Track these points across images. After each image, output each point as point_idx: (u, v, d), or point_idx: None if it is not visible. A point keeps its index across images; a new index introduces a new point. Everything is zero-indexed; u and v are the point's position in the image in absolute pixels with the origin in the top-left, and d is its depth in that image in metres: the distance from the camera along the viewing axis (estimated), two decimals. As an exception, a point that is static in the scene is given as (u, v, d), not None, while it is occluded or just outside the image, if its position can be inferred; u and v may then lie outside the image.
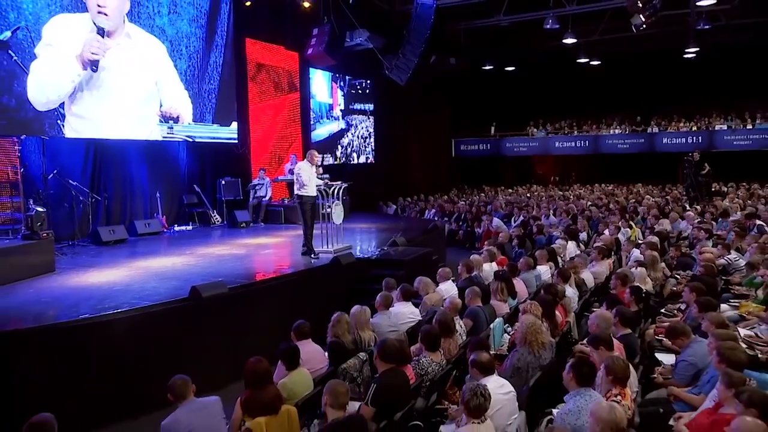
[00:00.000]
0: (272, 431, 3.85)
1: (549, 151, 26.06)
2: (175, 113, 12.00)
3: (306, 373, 4.60)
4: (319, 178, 9.28)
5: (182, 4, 11.97)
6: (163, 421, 3.76)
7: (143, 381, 5.50)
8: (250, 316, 6.72)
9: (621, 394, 3.92)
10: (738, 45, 20.94)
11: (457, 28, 19.05)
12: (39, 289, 6.89)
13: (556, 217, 14.33)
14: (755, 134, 21.84)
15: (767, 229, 10.37)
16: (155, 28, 11.37)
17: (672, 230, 11.89)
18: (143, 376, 5.54)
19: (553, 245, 9.30)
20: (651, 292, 7.23)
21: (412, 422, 4.38)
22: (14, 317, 5.65)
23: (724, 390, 3.61)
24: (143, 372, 5.56)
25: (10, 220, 8.20)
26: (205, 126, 12.72)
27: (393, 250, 9.64)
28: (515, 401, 4.12)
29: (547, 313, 5.47)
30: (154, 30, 11.33)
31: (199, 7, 12.37)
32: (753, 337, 5.59)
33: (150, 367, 5.61)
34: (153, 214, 11.78)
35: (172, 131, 12.07)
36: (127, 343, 5.67)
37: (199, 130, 12.63)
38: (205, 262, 8.69)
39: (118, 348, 5.59)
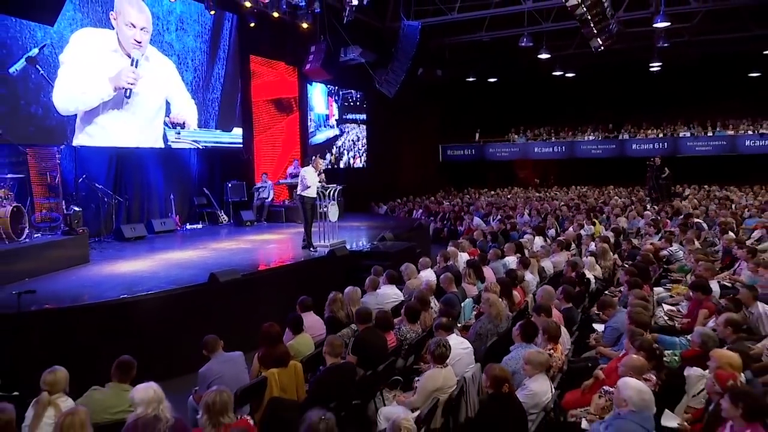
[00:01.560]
0: (283, 380, 4.75)
1: (528, 156, 26.94)
2: (182, 120, 12.88)
3: (308, 338, 5.52)
4: (318, 181, 10.22)
5: (188, 21, 12.83)
6: (200, 370, 4.67)
7: (172, 349, 6.38)
8: (259, 297, 7.63)
9: (553, 349, 4.89)
10: (700, 59, 22.02)
11: (443, 43, 19.91)
12: (80, 276, 7.78)
13: (530, 216, 15.31)
14: (714, 141, 22.90)
15: (704, 225, 11.37)
16: (164, 43, 12.22)
17: (631, 227, 12.90)
18: (171, 345, 6.42)
19: (521, 239, 10.26)
20: (600, 278, 8.22)
21: (394, 377, 5.34)
22: (67, 297, 6.54)
23: (627, 342, 4.58)
24: (171, 342, 6.44)
25: (48, 219, 8.98)
26: (208, 131, 13.63)
27: (382, 244, 10.57)
28: (472, 355, 5.07)
29: (505, 292, 6.42)
30: (163, 45, 12.16)
31: (203, 24, 13.23)
32: (674, 311, 6.58)
33: (177, 338, 6.48)
34: (168, 214, 12.59)
35: (179, 136, 12.98)
36: (158, 318, 6.57)
37: (204, 135, 13.52)
38: (217, 255, 9.60)
39: (151, 322, 6.49)
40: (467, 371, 4.85)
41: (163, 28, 12.23)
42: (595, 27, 12.60)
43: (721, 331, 4.72)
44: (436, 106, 25.61)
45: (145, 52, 11.38)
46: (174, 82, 12.53)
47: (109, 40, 10.76)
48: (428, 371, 4.53)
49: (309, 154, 16.58)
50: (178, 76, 12.62)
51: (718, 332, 4.72)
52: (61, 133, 10.17)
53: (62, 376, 4.00)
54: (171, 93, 12.46)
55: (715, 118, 23.76)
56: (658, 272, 8.37)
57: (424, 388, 4.42)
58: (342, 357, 4.64)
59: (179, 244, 11.10)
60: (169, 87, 12.41)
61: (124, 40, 10.79)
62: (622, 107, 25.48)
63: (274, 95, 15.65)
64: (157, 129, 12.29)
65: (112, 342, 5.81)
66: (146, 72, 11.52)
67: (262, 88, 15.12)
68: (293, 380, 4.79)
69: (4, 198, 7.76)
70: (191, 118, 13.10)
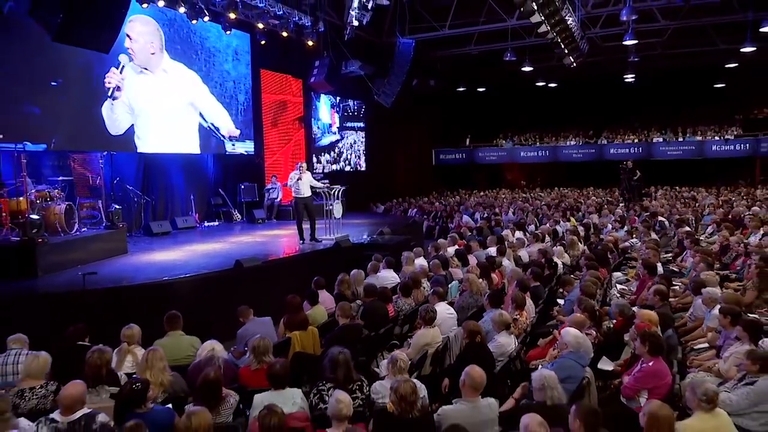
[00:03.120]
0: (303, 340, 5.74)
1: (515, 160, 27.94)
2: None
3: (323, 309, 6.53)
4: (320, 182, 11.20)
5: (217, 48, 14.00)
6: (238, 331, 5.66)
7: (205, 321, 7.30)
8: (277, 280, 8.60)
9: (519, 314, 5.90)
10: (670, 71, 23.12)
11: (435, 56, 20.90)
12: (123, 264, 8.75)
13: (514, 214, 16.34)
14: (685, 146, 23.99)
15: (667, 224, 12.40)
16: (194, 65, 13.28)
17: (602, 223, 13.92)
18: (205, 317, 7.34)
19: (502, 233, 11.28)
20: (568, 264, 9.23)
21: (392, 341, 6.33)
22: (119, 279, 7.53)
23: (576, 307, 5.59)
24: (205, 315, 7.36)
25: (89, 216, 9.95)
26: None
27: (380, 237, 11.57)
28: (456, 320, 6.08)
29: (484, 274, 7.44)
30: (193, 65, 13.18)
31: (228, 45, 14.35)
32: (625, 289, 7.61)
33: (209, 312, 7.40)
34: (188, 212, 13.55)
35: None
36: (194, 296, 7.53)
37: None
38: (236, 247, 10.57)
39: (189, 299, 7.45)
40: (451, 332, 5.86)
41: (196, 53, 13.37)
42: (566, 48, 13.65)
43: (651, 299, 5.74)
44: (430, 113, 26.49)
45: (159, 65, 12.17)
46: (200, 92, 13.48)
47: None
48: (420, 330, 5.54)
49: (313, 157, 17.77)
50: (204, 87, 13.58)
51: (649, 300, 5.74)
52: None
53: (137, 331, 5.00)
54: (198, 103, 13.46)
55: (685, 124, 24.87)
56: (617, 260, 9.40)
57: (417, 343, 5.42)
58: (351, 318, 5.64)
59: (201, 238, 12.05)
60: (193, 97, 13.34)
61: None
62: (601, 115, 26.56)
63: (282, 105, 16.63)
64: (183, 138, 13.21)
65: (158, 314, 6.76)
66: (165, 83, 12.40)
67: (271, 98, 16.10)
68: (311, 341, 5.78)
69: (58, 197, 8.72)
70: (227, 125, 14.30)
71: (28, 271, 7.50)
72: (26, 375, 4.05)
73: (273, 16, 13.09)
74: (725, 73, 22.77)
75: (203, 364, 4.53)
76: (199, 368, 4.50)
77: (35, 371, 4.03)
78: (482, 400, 3.69)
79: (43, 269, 7.64)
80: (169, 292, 7.32)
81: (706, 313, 5.69)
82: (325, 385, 4.05)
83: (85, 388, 3.51)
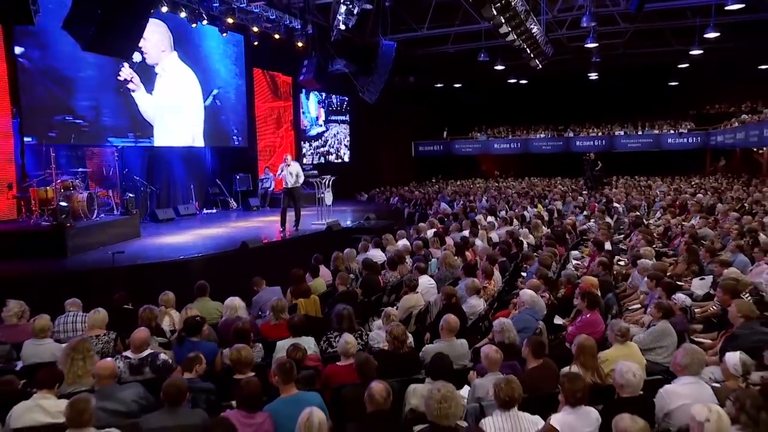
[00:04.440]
0: (307, 307, 6.58)
1: (489, 151, 28.96)
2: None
3: (322, 281, 7.39)
4: (308, 172, 11.98)
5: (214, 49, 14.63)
6: (253, 297, 6.50)
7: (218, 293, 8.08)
8: (277, 258, 9.44)
9: (488, 283, 6.85)
10: (631, 69, 24.26)
11: (415, 54, 21.70)
12: (138, 246, 9.49)
13: (488, 201, 17.32)
14: (643, 139, 25.25)
15: (621, 209, 13.49)
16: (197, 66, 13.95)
17: (565, 209, 14.98)
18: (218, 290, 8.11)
19: (476, 218, 12.23)
20: (532, 244, 10.21)
21: (381, 307, 7.23)
22: (139, 258, 8.29)
23: (534, 274, 6.55)
24: (217, 288, 8.07)
25: (103, 204, 10.62)
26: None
27: (366, 222, 12.46)
28: (435, 289, 6.99)
29: (460, 252, 8.38)
30: (194, 67, 13.85)
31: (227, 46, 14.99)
32: (579, 264, 8.60)
33: (221, 285, 8.12)
34: (189, 201, 14.30)
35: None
36: (207, 272, 8.27)
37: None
38: (237, 231, 11.37)
39: (203, 274, 8.18)
40: (432, 298, 6.78)
41: (198, 51, 14.05)
42: (531, 53, 14.59)
43: (596, 269, 6.73)
44: (409, 108, 27.13)
45: (159, 63, 12.87)
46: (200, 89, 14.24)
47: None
48: (406, 296, 6.45)
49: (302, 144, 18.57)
50: (202, 84, 14.32)
51: (594, 270, 6.73)
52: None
53: (172, 297, 5.83)
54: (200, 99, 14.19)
55: (644, 119, 26.11)
56: (575, 240, 10.42)
57: (403, 305, 6.32)
58: (348, 286, 6.53)
59: (203, 223, 12.81)
60: (197, 94, 14.08)
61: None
62: (568, 110, 27.65)
63: (273, 101, 17.34)
64: (184, 133, 13.96)
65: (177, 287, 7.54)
66: (164, 82, 13.05)
67: (263, 95, 16.80)
68: (313, 307, 6.63)
69: (79, 187, 9.41)
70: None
71: (59, 252, 8.23)
72: (91, 326, 4.86)
73: (266, 20, 13.80)
74: (679, 73, 24.00)
75: (230, 321, 5.39)
76: (227, 324, 5.36)
77: (98, 323, 4.85)
78: (456, 340, 4.62)
79: (71, 250, 8.38)
80: (186, 268, 8.13)
81: (640, 281, 6.70)
82: (333, 334, 4.94)
83: (149, 334, 4.36)
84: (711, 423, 2.76)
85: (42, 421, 3.46)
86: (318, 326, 5.67)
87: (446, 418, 2.99)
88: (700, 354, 3.59)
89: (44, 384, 3.64)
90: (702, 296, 6.38)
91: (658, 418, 3.50)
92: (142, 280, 7.41)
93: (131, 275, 7.41)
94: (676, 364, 3.61)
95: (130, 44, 7.48)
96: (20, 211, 9.38)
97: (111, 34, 7.01)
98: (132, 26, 7.24)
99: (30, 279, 7.11)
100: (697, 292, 6.54)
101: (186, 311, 5.10)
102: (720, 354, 4.22)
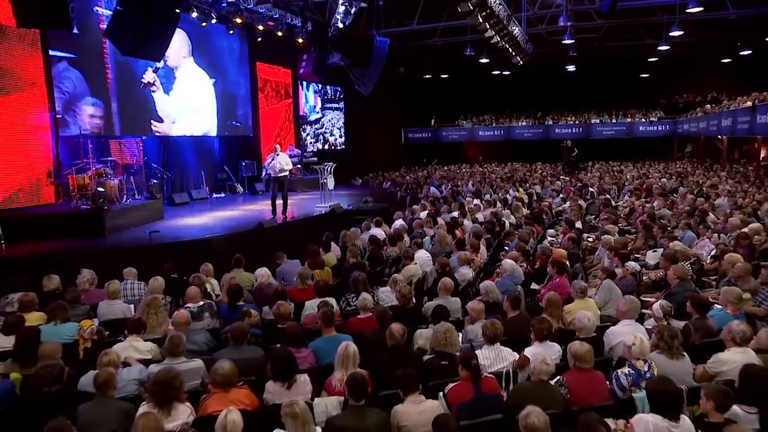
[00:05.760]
0: (321, 276, 7.52)
1: (474, 138, 29.81)
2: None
3: (333, 255, 8.31)
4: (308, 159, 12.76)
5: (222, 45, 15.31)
6: (277, 269, 7.40)
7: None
8: (290, 237, 10.34)
9: (475, 256, 7.82)
10: (606, 62, 25.19)
11: (405, 47, 22.42)
12: (164, 226, 10.25)
13: (473, 185, 18.27)
14: (617, 126, 26.30)
15: (595, 192, 14.50)
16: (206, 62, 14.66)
17: (544, 193, 15.98)
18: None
19: (463, 201, 13.19)
20: (514, 224, 11.19)
21: (384, 277, 8.18)
22: (170, 237, 9.14)
23: (514, 248, 7.52)
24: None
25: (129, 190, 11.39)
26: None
27: (365, 205, 13.37)
28: (431, 261, 7.95)
29: (450, 231, 9.32)
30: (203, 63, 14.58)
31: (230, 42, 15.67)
32: (554, 241, 9.59)
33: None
34: (200, 186, 15.09)
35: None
36: (229, 249, 9.15)
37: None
38: (248, 213, 12.21)
39: (226, 251, 9.08)
40: (427, 269, 7.75)
41: (205, 51, 14.73)
42: (512, 51, 15.46)
43: (564, 243, 7.72)
44: (399, 97, 28.02)
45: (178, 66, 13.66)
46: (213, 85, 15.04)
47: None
48: (406, 266, 7.40)
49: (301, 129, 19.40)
50: (214, 80, 15.09)
51: (563, 245, 7.73)
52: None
53: (211, 267, 6.72)
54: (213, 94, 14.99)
55: (618, 108, 27.13)
56: (552, 220, 11.42)
57: (404, 274, 7.26)
58: (357, 259, 7.47)
59: (215, 206, 13.58)
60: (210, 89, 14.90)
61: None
62: (548, 99, 28.57)
63: (275, 93, 18.06)
64: (197, 123, 14.75)
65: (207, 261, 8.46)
66: (180, 82, 13.84)
67: (265, 87, 17.51)
68: (327, 276, 7.56)
69: (110, 174, 10.19)
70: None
71: (98, 232, 9.06)
72: (151, 291, 5.74)
73: (270, 19, 14.48)
74: (650, 65, 25.00)
75: (263, 286, 6.32)
76: (260, 289, 6.30)
77: (157, 288, 5.74)
78: (451, 297, 5.58)
79: (108, 230, 9.20)
80: (212, 245, 9.00)
81: (603, 253, 7.71)
82: (350, 295, 5.88)
83: (199, 291, 5.28)
84: (636, 346, 3.76)
85: (135, 357, 4.37)
86: (334, 291, 6.62)
87: (450, 345, 3.97)
88: (636, 303, 4.59)
89: (133, 330, 4.56)
90: (653, 265, 7.40)
91: (605, 351, 4.50)
92: (174, 256, 8.24)
93: (166, 252, 8.26)
94: (619, 310, 4.61)
95: (161, 48, 8.23)
96: (58, 196, 10.15)
97: (146, 41, 7.77)
98: (164, 32, 8.00)
99: (79, 254, 7.94)
100: (650, 262, 7.55)
101: (229, 279, 6.01)
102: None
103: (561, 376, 3.76)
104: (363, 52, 18.94)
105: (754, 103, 15.81)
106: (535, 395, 3.43)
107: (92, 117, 10.94)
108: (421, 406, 3.38)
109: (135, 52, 7.90)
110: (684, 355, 3.89)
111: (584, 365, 3.70)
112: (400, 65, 23.65)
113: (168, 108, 13.40)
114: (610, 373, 3.92)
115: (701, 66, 24.79)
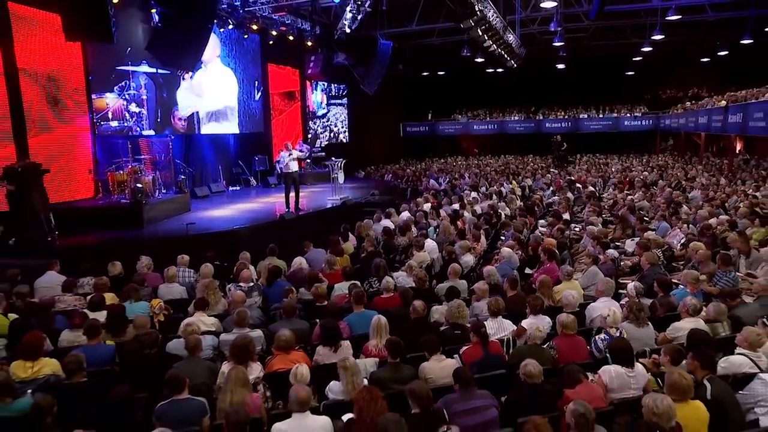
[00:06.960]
0: (341, 263, 8.34)
1: (469, 132, 30.49)
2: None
3: (350, 244, 9.12)
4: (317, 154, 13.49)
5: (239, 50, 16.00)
6: (304, 256, 8.20)
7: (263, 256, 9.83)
8: (307, 227, 11.12)
9: (476, 244, 8.66)
10: (594, 60, 25.93)
11: (404, 46, 23.10)
12: (192, 218, 10.96)
13: (469, 178, 19.09)
14: (604, 121, 27.08)
15: (580, 188, 15.32)
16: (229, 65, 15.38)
17: (535, 185, 16.81)
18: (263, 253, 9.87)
19: (462, 194, 14.01)
20: (509, 215, 12.02)
21: (395, 264, 9.00)
22: (197, 228, 9.91)
23: (509, 238, 8.36)
24: (262, 252, 9.87)
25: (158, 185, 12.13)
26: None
27: (373, 198, 14.16)
28: (437, 249, 8.78)
29: (452, 222, 10.15)
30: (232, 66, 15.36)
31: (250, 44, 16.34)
32: (545, 231, 10.44)
33: (263, 249, 9.90)
34: (218, 180, 15.82)
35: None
36: (255, 238, 9.97)
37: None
38: (266, 206, 12.96)
39: (253, 240, 9.90)
40: (435, 256, 8.58)
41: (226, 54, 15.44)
42: (507, 56, 16.22)
43: (554, 233, 8.57)
44: (399, 93, 28.47)
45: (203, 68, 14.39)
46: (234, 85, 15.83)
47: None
48: (417, 253, 8.23)
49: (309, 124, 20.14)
50: (235, 80, 15.83)
51: (553, 234, 8.58)
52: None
53: (248, 255, 7.51)
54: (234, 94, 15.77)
55: (604, 104, 27.91)
56: (542, 212, 12.26)
57: (416, 261, 8.11)
58: (374, 248, 8.30)
59: (233, 199, 14.33)
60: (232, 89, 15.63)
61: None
62: (539, 95, 29.27)
63: (284, 91, 18.75)
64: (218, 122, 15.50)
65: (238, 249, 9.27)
66: (204, 81, 14.53)
67: (275, 87, 18.19)
68: (346, 263, 8.37)
69: (144, 170, 10.93)
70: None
71: (137, 224, 9.83)
72: (204, 275, 6.55)
73: (283, 24, 15.15)
74: (634, 63, 25.75)
75: (296, 271, 7.14)
76: (294, 273, 7.12)
77: (208, 273, 6.54)
78: (459, 280, 6.42)
79: (146, 222, 9.97)
80: (240, 235, 9.79)
81: (587, 242, 8.56)
82: (372, 279, 6.71)
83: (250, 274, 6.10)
84: (610, 317, 4.62)
85: (202, 329, 5.18)
86: (356, 275, 7.45)
87: (462, 318, 4.82)
88: (611, 284, 5.46)
89: (199, 307, 5.37)
90: (631, 252, 8.26)
91: (587, 322, 5.36)
92: (209, 245, 9.04)
93: (202, 241, 9.06)
94: (598, 290, 5.47)
95: (196, 59, 8.95)
96: (97, 191, 10.90)
97: (183, 54, 8.50)
98: (198, 45, 8.72)
99: (124, 243, 8.72)
100: (628, 249, 8.42)
101: (266, 265, 6.84)
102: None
103: (551, 341, 4.60)
104: (366, 52, 19.66)
105: (727, 103, 16.65)
106: (531, 356, 4.26)
107: (125, 119, 11.66)
108: (442, 363, 4.23)
109: (173, 64, 8.63)
110: (648, 324, 4.75)
111: (569, 332, 4.54)
112: (400, 63, 24.26)
113: (194, 108, 14.12)
114: (590, 339, 4.77)
115: (682, 64, 25.58)
